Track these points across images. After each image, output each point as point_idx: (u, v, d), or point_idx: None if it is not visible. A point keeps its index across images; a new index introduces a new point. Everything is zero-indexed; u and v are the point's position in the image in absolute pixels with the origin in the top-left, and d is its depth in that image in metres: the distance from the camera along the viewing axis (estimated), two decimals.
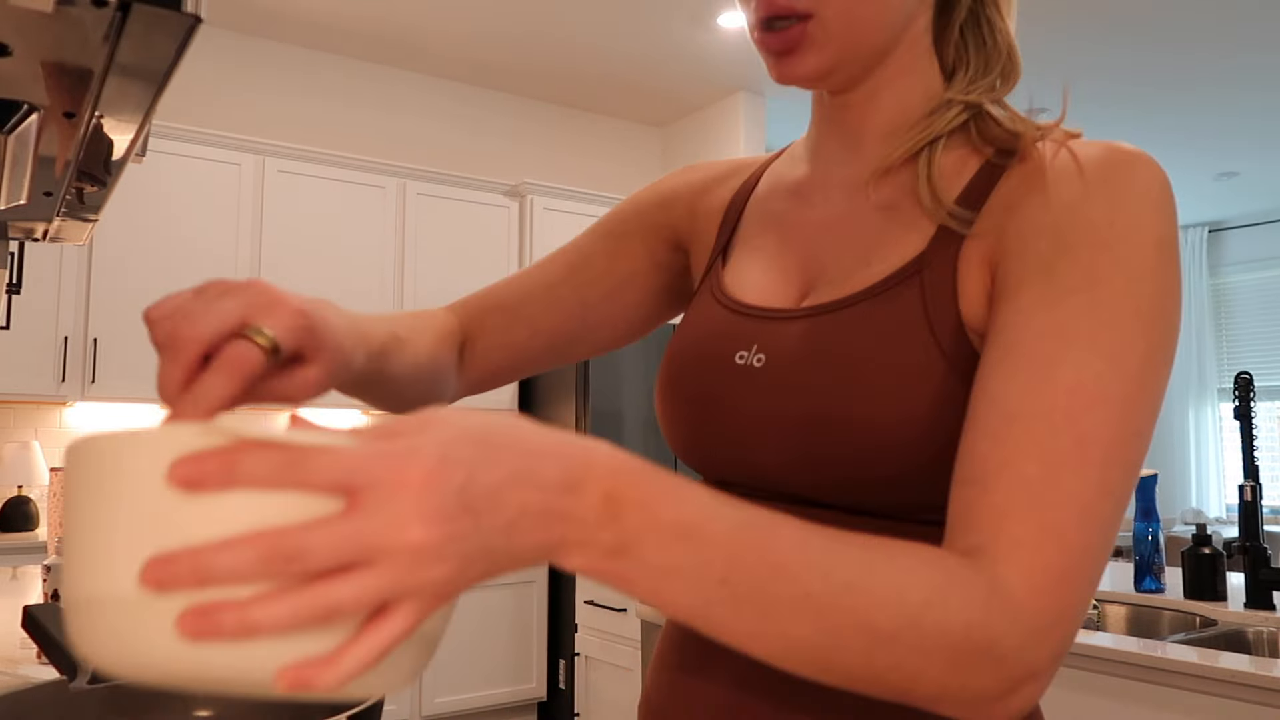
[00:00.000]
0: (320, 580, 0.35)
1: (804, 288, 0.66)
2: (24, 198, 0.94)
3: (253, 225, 3.99)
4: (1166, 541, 4.58)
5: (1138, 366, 0.51)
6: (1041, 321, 0.52)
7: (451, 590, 0.38)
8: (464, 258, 4.49)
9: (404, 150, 4.75)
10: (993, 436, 0.51)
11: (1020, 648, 0.47)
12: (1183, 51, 4.61)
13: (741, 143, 5.08)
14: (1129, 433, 0.51)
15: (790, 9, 0.61)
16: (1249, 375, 1.88)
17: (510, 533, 0.38)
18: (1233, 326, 7.65)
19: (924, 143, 0.63)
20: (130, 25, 0.50)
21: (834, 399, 0.59)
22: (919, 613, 0.46)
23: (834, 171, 0.69)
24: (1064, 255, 0.54)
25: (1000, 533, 0.49)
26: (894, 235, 0.62)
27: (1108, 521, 0.50)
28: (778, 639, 0.45)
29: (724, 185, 0.79)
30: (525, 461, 0.39)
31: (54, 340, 3.59)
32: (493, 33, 4.43)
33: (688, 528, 0.43)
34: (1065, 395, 0.50)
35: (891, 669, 0.46)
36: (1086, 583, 0.49)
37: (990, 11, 0.65)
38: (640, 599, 0.44)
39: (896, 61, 0.65)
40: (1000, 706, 0.48)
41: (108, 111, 0.66)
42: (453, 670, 4.02)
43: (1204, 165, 6.32)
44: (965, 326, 0.57)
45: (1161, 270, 0.54)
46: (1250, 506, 1.85)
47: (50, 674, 1.10)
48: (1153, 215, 0.55)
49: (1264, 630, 1.76)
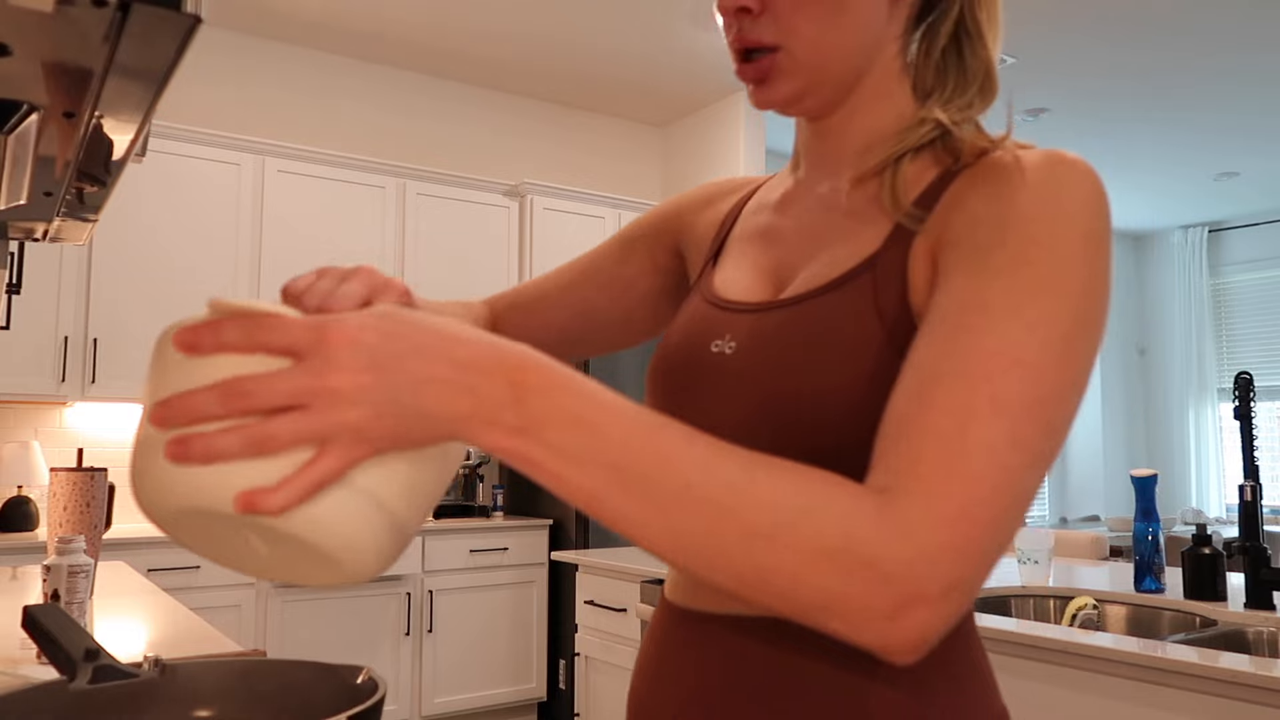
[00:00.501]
0: (266, 418, 0.46)
1: (779, 286, 0.73)
2: (24, 198, 0.94)
3: (253, 225, 3.99)
4: (1166, 541, 4.58)
5: (1059, 339, 0.54)
6: (968, 296, 0.56)
7: (372, 434, 0.47)
8: (464, 258, 4.49)
9: (404, 150, 4.75)
10: (913, 395, 0.54)
11: (906, 567, 0.48)
12: (1183, 51, 4.61)
13: (742, 143, 5.08)
14: (1046, 396, 0.53)
15: (759, 42, 0.67)
16: (1249, 375, 1.88)
17: (415, 392, 0.47)
18: (1233, 326, 7.65)
19: (895, 156, 0.68)
20: (130, 25, 0.50)
21: (789, 376, 0.65)
22: (798, 517, 0.49)
23: (812, 188, 0.75)
24: (996, 242, 0.58)
25: (908, 474, 0.51)
26: (858, 236, 0.68)
27: (1019, 474, 0.52)
28: (664, 530, 0.49)
29: (726, 200, 0.86)
30: (439, 341, 0.49)
31: (54, 340, 3.60)
32: (493, 32, 4.43)
33: (586, 416, 0.49)
34: (983, 358, 0.54)
35: (773, 570, 0.49)
36: (990, 524, 0.51)
37: (973, 35, 0.70)
38: (544, 482, 0.50)
39: (869, 88, 0.71)
40: (891, 627, 0.49)
41: (108, 111, 0.66)
42: (453, 670, 4.02)
43: (1204, 165, 6.32)
44: (912, 312, 0.63)
45: (1088, 261, 0.57)
46: (1250, 506, 1.85)
47: (50, 674, 1.09)
48: (1082, 211, 0.58)
49: (1264, 630, 1.76)
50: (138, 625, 1.61)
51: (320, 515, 0.48)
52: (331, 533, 0.49)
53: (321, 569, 0.52)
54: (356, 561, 0.51)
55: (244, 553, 0.54)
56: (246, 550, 0.53)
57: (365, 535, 0.50)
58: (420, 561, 3.99)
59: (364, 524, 0.49)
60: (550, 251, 4.62)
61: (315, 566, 0.52)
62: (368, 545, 0.50)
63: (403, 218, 4.35)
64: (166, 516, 0.50)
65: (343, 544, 0.49)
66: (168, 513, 0.49)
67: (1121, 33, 4.42)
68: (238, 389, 0.46)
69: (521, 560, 4.23)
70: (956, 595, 0.50)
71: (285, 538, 0.49)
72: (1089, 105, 5.25)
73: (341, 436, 0.47)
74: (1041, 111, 5.33)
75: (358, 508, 0.49)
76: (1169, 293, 7.92)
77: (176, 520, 0.50)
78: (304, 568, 0.53)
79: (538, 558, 4.28)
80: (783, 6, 0.66)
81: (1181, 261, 7.79)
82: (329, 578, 0.53)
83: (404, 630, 3.92)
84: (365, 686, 0.76)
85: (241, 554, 0.54)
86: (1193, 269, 7.70)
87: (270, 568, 0.54)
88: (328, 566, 0.52)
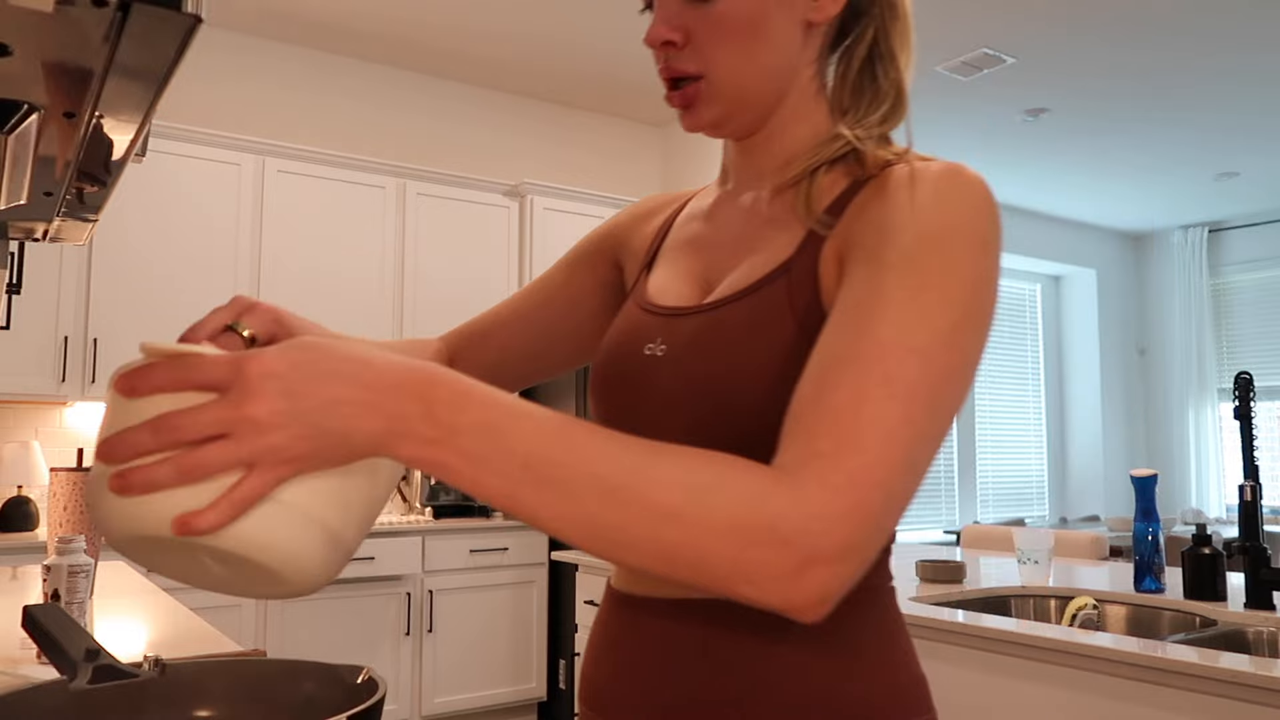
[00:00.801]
0: (195, 448, 0.51)
1: (706, 290, 0.79)
2: (24, 198, 0.94)
3: (253, 225, 3.99)
4: (1166, 541, 4.58)
5: (947, 328, 0.60)
6: (866, 290, 0.62)
7: (292, 455, 0.51)
8: (464, 258, 4.49)
9: (404, 150, 4.75)
10: (814, 381, 0.59)
11: (803, 530, 0.53)
12: (1183, 51, 4.61)
13: None
14: (935, 379, 0.58)
15: (684, 71, 0.74)
16: (1249, 375, 1.88)
17: (328, 414, 0.52)
18: (1233, 326, 7.65)
19: (809, 170, 0.74)
20: (130, 25, 0.50)
21: (714, 375, 0.71)
22: (700, 495, 0.53)
23: (737, 199, 0.82)
24: (892, 242, 0.64)
25: (805, 449, 0.56)
26: (775, 243, 0.74)
27: (911, 447, 0.57)
28: (578, 519, 0.53)
29: (661, 213, 0.92)
30: (349, 366, 0.53)
31: (54, 340, 3.59)
32: (493, 32, 4.43)
33: (494, 422, 0.53)
34: (877, 344, 0.59)
35: (681, 545, 0.53)
36: (881, 491, 0.55)
37: (885, 58, 0.76)
38: (462, 487, 0.53)
39: (788, 109, 0.77)
40: (794, 588, 0.53)
41: (108, 111, 0.66)
42: (453, 670, 4.02)
43: (1204, 165, 6.32)
44: (824, 311, 0.68)
45: (975, 261, 0.63)
46: (1250, 506, 1.85)
47: (50, 674, 1.09)
48: (973, 217, 0.64)
49: (1264, 630, 1.76)
50: (138, 625, 1.61)
51: (251, 531, 0.52)
52: (263, 545, 0.52)
53: (270, 582, 0.56)
54: (296, 572, 0.54)
55: (202, 572, 0.57)
56: (204, 569, 0.57)
57: (297, 546, 0.53)
58: (420, 561, 3.98)
59: (295, 536, 0.53)
60: (550, 251, 4.62)
61: (263, 580, 0.56)
62: (301, 555, 0.54)
63: (403, 218, 4.35)
64: (122, 544, 0.54)
65: (278, 556, 0.53)
66: (121, 541, 0.54)
67: (1121, 33, 4.41)
68: (167, 424, 0.51)
69: (521, 560, 4.23)
70: (853, 557, 0.54)
71: (225, 555, 0.53)
72: (1089, 105, 5.25)
73: (264, 459, 0.51)
74: (1041, 111, 5.33)
75: (287, 521, 0.53)
76: (1169, 293, 7.92)
77: (133, 546, 0.54)
78: (255, 582, 0.56)
79: (538, 558, 4.28)
80: (704, 39, 0.73)
81: (1181, 261, 7.79)
82: (280, 590, 0.57)
83: (404, 630, 3.92)
84: (365, 686, 0.76)
85: (201, 573, 0.57)
86: (1193, 269, 7.70)
87: (228, 583, 0.58)
88: (273, 579, 0.55)
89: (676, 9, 0.74)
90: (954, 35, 4.47)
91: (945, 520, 7.17)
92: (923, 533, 6.91)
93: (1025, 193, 6.96)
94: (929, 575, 2.22)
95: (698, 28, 0.73)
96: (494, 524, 4.18)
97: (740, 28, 0.72)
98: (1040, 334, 7.99)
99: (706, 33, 0.73)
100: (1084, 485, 7.83)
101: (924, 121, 5.54)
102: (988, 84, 4.99)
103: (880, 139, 0.75)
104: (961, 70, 4.82)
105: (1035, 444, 7.86)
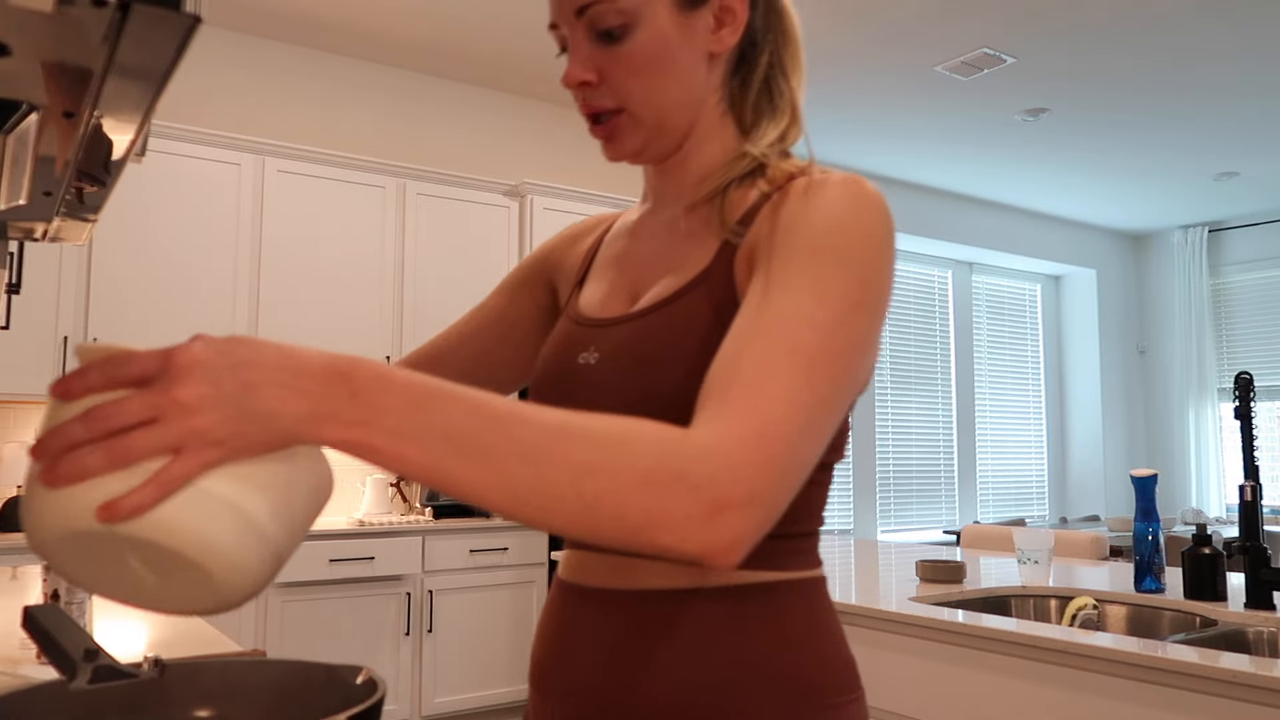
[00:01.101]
0: (124, 434, 0.52)
1: (633, 301, 0.85)
2: (24, 198, 0.94)
3: (253, 225, 3.99)
4: (1166, 541, 4.58)
5: (845, 310, 0.67)
6: (772, 279, 0.69)
7: (217, 437, 0.52)
8: (464, 258, 4.49)
9: (404, 150, 4.75)
10: (726, 357, 0.66)
11: (712, 477, 0.57)
12: (1183, 51, 4.61)
13: None
14: (833, 351, 0.66)
15: (603, 108, 0.82)
16: (1249, 375, 1.88)
17: (254, 396, 0.53)
18: (1233, 326, 7.65)
19: (721, 187, 0.82)
20: (130, 25, 0.50)
21: (644, 377, 0.77)
22: (615, 450, 0.57)
23: (658, 216, 0.89)
24: (794, 238, 0.71)
25: (716, 408, 0.62)
26: (694, 254, 0.82)
27: (810, 410, 0.63)
28: (503, 486, 0.56)
29: (590, 235, 0.99)
30: (274, 354, 0.55)
31: (54, 340, 3.60)
32: (493, 32, 4.43)
33: (416, 399, 0.56)
34: (782, 322, 0.66)
35: (600, 497, 0.56)
36: (787, 445, 0.61)
37: (779, 80, 0.84)
38: (388, 466, 0.56)
39: (699, 133, 0.85)
40: (708, 533, 0.57)
41: (108, 111, 0.66)
42: (453, 670, 4.02)
43: (1204, 165, 6.32)
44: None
45: (868, 256, 0.70)
46: (1250, 506, 1.85)
47: (50, 674, 1.09)
48: (866, 217, 0.72)
49: (1264, 630, 1.76)
50: (138, 625, 1.61)
51: (174, 518, 0.52)
52: (188, 534, 0.52)
53: (200, 585, 0.54)
54: (224, 566, 0.53)
55: (134, 583, 0.56)
56: (134, 579, 0.55)
57: (223, 537, 0.53)
58: (420, 561, 3.99)
59: (221, 527, 0.53)
60: None
61: (193, 584, 0.54)
62: (228, 548, 0.53)
63: (403, 218, 4.35)
64: (52, 546, 0.53)
65: (202, 545, 0.52)
66: (52, 541, 0.53)
67: (1121, 33, 4.41)
68: (98, 414, 0.52)
69: (521, 560, 4.23)
70: (760, 504, 0.59)
71: (150, 549, 0.52)
72: (1089, 105, 5.25)
73: (191, 442, 0.52)
74: (1041, 111, 5.33)
75: (211, 509, 0.53)
76: (1169, 293, 7.92)
77: (62, 549, 0.53)
78: (185, 586, 0.55)
79: (537, 558, 4.28)
80: (617, 77, 0.80)
81: (1181, 261, 7.79)
82: (211, 595, 0.55)
83: (404, 630, 3.92)
84: (365, 686, 0.76)
85: (133, 584, 0.56)
86: (1193, 269, 7.71)
87: (158, 594, 0.56)
88: (202, 580, 0.54)
89: (589, 51, 0.81)
90: (954, 35, 4.47)
91: (945, 520, 7.17)
92: (923, 533, 6.91)
93: (1025, 193, 6.96)
94: (929, 575, 2.22)
95: (610, 67, 0.80)
96: (494, 524, 4.18)
97: (649, 64, 0.80)
98: (1040, 334, 7.99)
99: (619, 71, 0.80)
100: (1084, 485, 7.83)
101: (924, 121, 5.54)
102: (988, 84, 4.99)
103: (783, 154, 0.83)
104: (961, 70, 4.82)
105: (1035, 444, 7.86)
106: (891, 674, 1.82)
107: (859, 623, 1.90)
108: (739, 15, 0.82)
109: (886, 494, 6.89)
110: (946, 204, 6.94)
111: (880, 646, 1.86)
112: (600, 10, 0.79)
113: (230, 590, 0.54)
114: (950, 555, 2.75)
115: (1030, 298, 7.98)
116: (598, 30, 0.80)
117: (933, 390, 7.21)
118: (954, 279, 7.43)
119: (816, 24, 4.37)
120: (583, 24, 0.80)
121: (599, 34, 0.80)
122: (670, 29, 0.80)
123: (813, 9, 4.22)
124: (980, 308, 7.62)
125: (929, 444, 7.17)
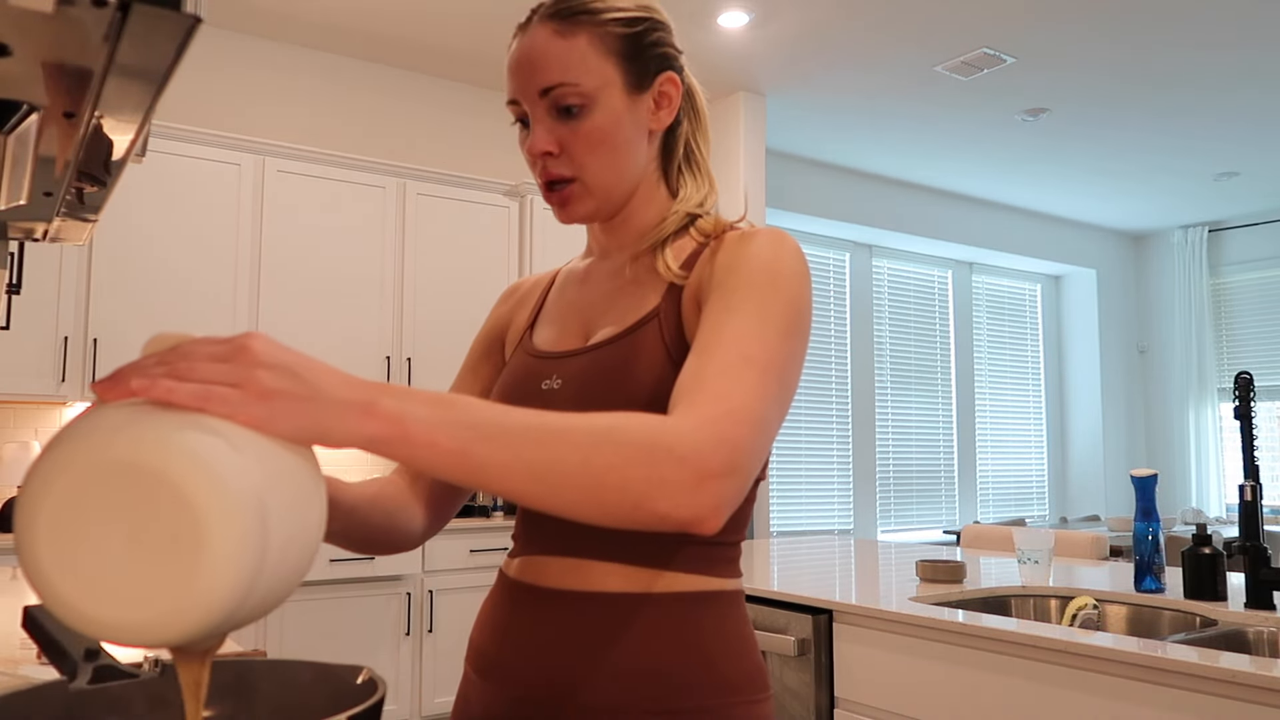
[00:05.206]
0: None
1: (585, 338, 0.97)
2: (24, 198, 0.94)
3: (253, 225, 3.99)
4: (1166, 541, 4.58)
5: (782, 329, 0.81)
6: (721, 308, 0.83)
7: (271, 389, 0.57)
8: (464, 258, 4.49)
9: (404, 150, 4.75)
10: (691, 370, 0.78)
11: (694, 450, 0.68)
12: (1183, 51, 4.61)
13: (741, 142, 5.08)
14: (778, 361, 0.79)
15: (560, 176, 0.93)
16: (1249, 375, 1.88)
17: (314, 371, 0.60)
18: (1233, 326, 7.65)
19: (660, 240, 0.97)
20: (130, 25, 0.50)
21: (604, 399, 0.88)
22: (612, 429, 0.67)
23: (603, 266, 1.02)
24: (736, 276, 0.85)
25: (687, 403, 0.73)
26: (641, 297, 0.95)
27: (765, 403, 0.75)
28: (520, 466, 0.64)
29: (534, 293, 1.10)
30: (318, 360, 0.62)
31: (54, 340, 3.60)
32: (494, 32, 4.43)
33: (441, 399, 0.64)
34: (735, 337, 0.79)
35: (607, 469, 0.66)
36: (749, 428, 0.72)
37: (696, 154, 1.01)
38: (419, 453, 0.62)
39: (639, 197, 0.99)
40: (696, 499, 0.68)
41: (108, 111, 0.66)
42: (453, 670, 4.02)
43: (1204, 165, 6.32)
44: (687, 342, 0.89)
45: (797, 289, 0.85)
46: (1250, 506, 1.85)
47: (50, 674, 1.10)
48: (791, 260, 0.87)
49: (1264, 630, 1.76)
50: None
51: (191, 446, 0.51)
52: (196, 469, 0.50)
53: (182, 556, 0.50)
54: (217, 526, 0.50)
55: (106, 567, 0.51)
56: (110, 562, 0.51)
57: (225, 489, 0.50)
58: (420, 561, 3.99)
59: (228, 478, 0.51)
60: (550, 251, 4.62)
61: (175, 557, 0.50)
62: (228, 507, 0.50)
63: (403, 218, 4.35)
64: (54, 494, 0.51)
65: (204, 489, 0.50)
66: (58, 484, 0.51)
67: (1121, 32, 4.41)
68: (178, 350, 0.57)
69: None
70: (737, 475, 0.70)
71: (155, 478, 0.50)
72: (1089, 105, 5.25)
73: (247, 383, 0.56)
74: (1041, 111, 5.33)
75: (227, 459, 0.52)
76: (1169, 293, 7.93)
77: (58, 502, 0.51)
78: (161, 562, 0.50)
79: None
80: (576, 150, 0.92)
81: (1181, 261, 7.79)
82: (189, 559, 0.50)
83: (404, 630, 3.92)
84: (365, 686, 0.76)
85: (104, 570, 0.51)
86: (1193, 269, 7.71)
87: (126, 579, 0.51)
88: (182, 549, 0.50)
89: (550, 125, 0.92)
90: (954, 35, 4.47)
91: (945, 520, 7.17)
92: (923, 533, 6.91)
93: (1025, 193, 6.96)
94: (929, 575, 2.22)
95: (570, 140, 0.91)
96: (494, 524, 4.18)
97: (604, 140, 0.92)
98: (1040, 334, 7.99)
99: (578, 145, 0.91)
100: (1084, 485, 7.83)
101: (924, 121, 5.54)
102: (988, 84, 4.99)
103: (714, 212, 0.99)
104: (961, 70, 4.82)
105: (1035, 444, 7.86)
106: (891, 674, 1.82)
107: (859, 623, 1.90)
108: (674, 98, 0.97)
109: (886, 494, 6.89)
110: (946, 204, 6.94)
111: (880, 646, 1.85)
112: (563, 91, 0.90)
113: (214, 571, 0.50)
114: (950, 555, 2.75)
115: (1030, 298, 7.99)
116: (559, 107, 0.91)
117: (933, 390, 7.22)
118: (954, 279, 7.43)
119: (817, 24, 4.37)
120: (545, 102, 0.91)
121: (560, 110, 0.91)
122: (622, 110, 0.92)
123: (813, 9, 4.22)
124: (980, 308, 7.62)
125: (929, 444, 7.17)
